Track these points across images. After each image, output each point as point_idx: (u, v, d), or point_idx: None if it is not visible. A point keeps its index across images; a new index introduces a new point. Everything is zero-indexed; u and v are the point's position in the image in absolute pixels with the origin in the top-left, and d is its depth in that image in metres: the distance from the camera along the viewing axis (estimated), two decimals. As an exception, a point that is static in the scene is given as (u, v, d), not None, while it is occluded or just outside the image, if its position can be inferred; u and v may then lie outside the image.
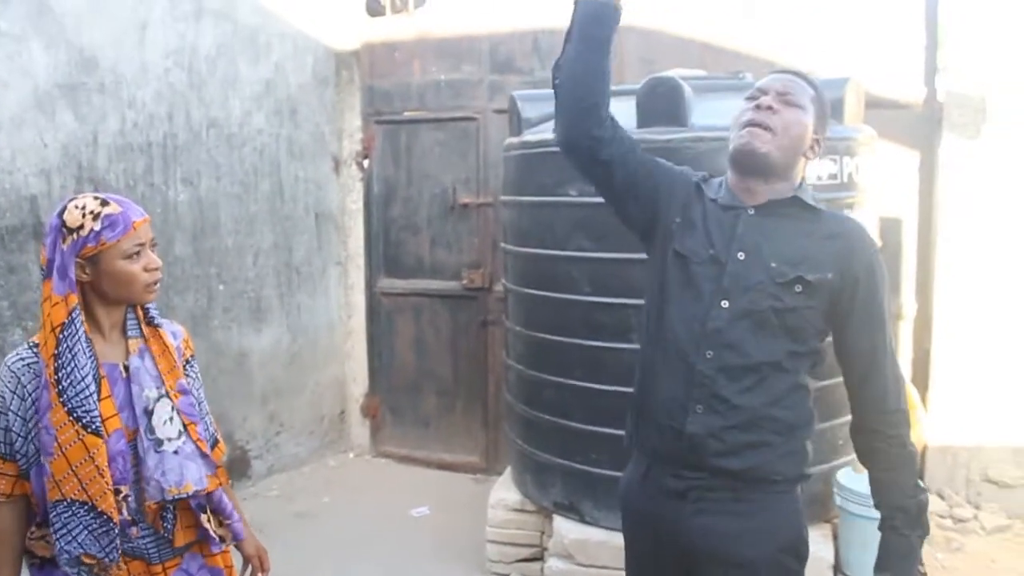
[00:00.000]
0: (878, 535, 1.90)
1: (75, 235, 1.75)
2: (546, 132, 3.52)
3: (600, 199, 3.28)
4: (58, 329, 1.74)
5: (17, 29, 3.54)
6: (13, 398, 1.79)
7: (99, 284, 1.80)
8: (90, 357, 1.77)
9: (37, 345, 1.80)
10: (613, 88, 3.88)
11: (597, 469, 3.40)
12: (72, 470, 1.74)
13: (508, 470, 4.14)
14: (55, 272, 1.76)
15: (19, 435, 1.80)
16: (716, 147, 3.12)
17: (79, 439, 1.74)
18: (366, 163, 5.39)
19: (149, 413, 1.86)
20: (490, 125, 5.02)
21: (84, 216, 1.76)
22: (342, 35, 5.36)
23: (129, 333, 1.90)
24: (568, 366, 3.43)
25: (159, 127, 4.24)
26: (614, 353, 3.30)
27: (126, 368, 1.88)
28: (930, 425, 4.31)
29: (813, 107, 1.88)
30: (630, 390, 3.29)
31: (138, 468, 1.84)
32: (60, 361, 1.74)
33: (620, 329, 3.28)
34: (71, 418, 1.74)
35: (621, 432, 3.38)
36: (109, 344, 1.87)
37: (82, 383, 1.74)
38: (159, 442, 1.85)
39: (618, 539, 3.39)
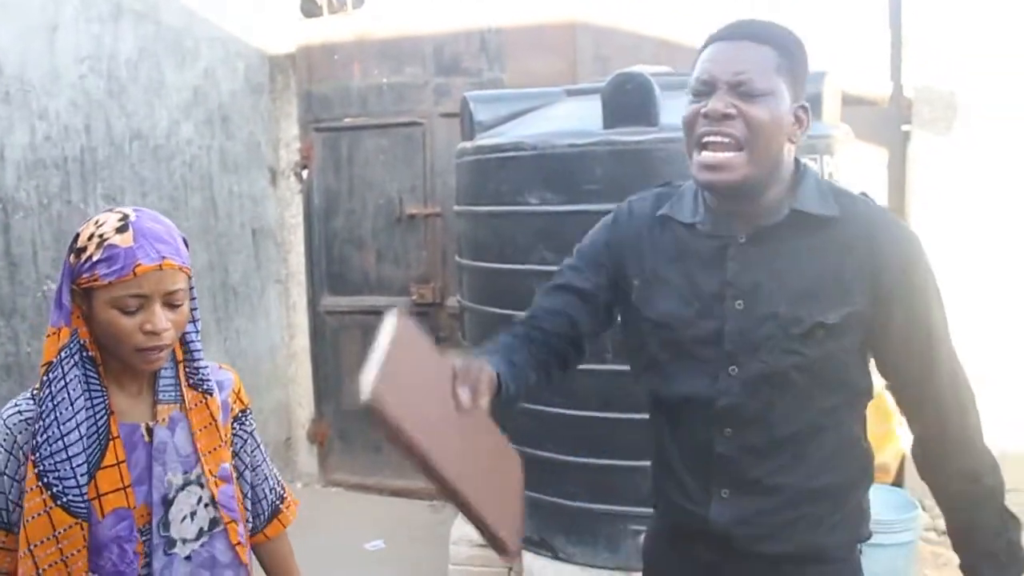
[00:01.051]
0: (906, 566, 1.61)
1: (75, 257, 1.44)
2: (501, 135, 3.24)
3: (563, 207, 3.12)
4: (42, 370, 1.44)
5: (-95, 30, 3.15)
6: (8, 459, 1.46)
7: (93, 327, 1.46)
8: (87, 408, 1.43)
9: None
10: (572, 87, 3.66)
11: (572, 502, 3.13)
12: (29, 550, 1.41)
13: (470, 501, 3.84)
14: (54, 300, 1.47)
15: (16, 503, 1.46)
16: (689, 148, 2.88)
17: (44, 511, 1.41)
18: (305, 174, 5.05)
19: (168, 503, 1.50)
20: (437, 130, 4.73)
21: (91, 238, 1.43)
22: (276, 38, 5.02)
23: (160, 395, 1.53)
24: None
25: (75, 140, 3.85)
26: (589, 376, 3.01)
27: (149, 431, 1.51)
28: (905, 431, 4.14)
29: (783, 76, 1.42)
30: (607, 415, 3.10)
31: (150, 566, 1.49)
32: (41, 409, 1.42)
33: (594, 349, 2.99)
34: (40, 483, 1.41)
35: (599, 461, 3.18)
36: (130, 398, 1.52)
37: (60, 441, 1.41)
38: (170, 542, 1.50)
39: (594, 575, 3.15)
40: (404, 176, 4.84)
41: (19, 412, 1.48)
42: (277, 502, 1.77)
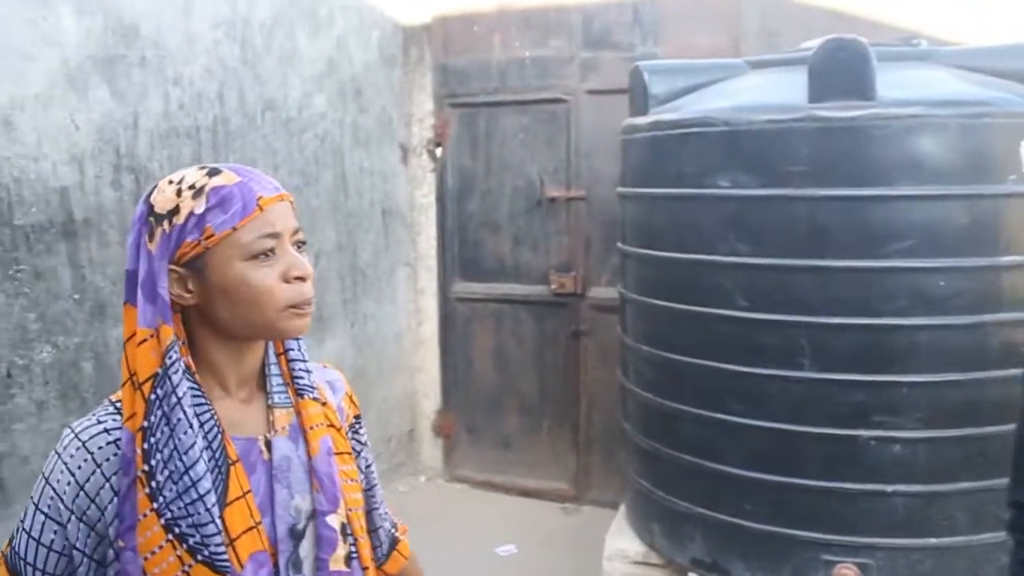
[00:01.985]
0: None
1: (167, 225, 1.10)
2: (682, 110, 2.89)
3: (759, 191, 2.77)
4: (147, 386, 1.08)
5: (44, -11, 2.96)
6: (78, 495, 1.10)
7: (210, 306, 1.13)
8: (206, 430, 1.11)
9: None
10: (755, 59, 3.28)
11: (753, 523, 2.77)
12: None
13: (622, 512, 3.52)
14: (139, 290, 1.11)
15: (85, 554, 1.11)
16: (910, 126, 2.49)
17: (183, 570, 1.08)
18: (439, 152, 4.77)
19: (297, 535, 1.18)
20: (583, 108, 4.39)
21: (181, 194, 1.11)
22: (411, 7, 4.75)
23: (275, 397, 1.22)
24: (717, 397, 2.79)
25: (208, 109, 3.65)
26: (778, 382, 2.66)
27: (268, 445, 1.20)
28: None
29: None
30: (799, 428, 2.72)
31: None
32: (153, 439, 1.08)
33: (786, 353, 2.64)
34: (170, 536, 1.07)
35: (788, 479, 2.80)
36: (238, 405, 1.20)
37: (186, 476, 1.08)
38: (350, 557, 1.22)
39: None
40: (545, 156, 4.51)
41: (106, 432, 1.12)
42: (393, 530, 1.48)
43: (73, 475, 1.10)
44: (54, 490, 1.10)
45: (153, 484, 1.07)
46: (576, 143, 4.41)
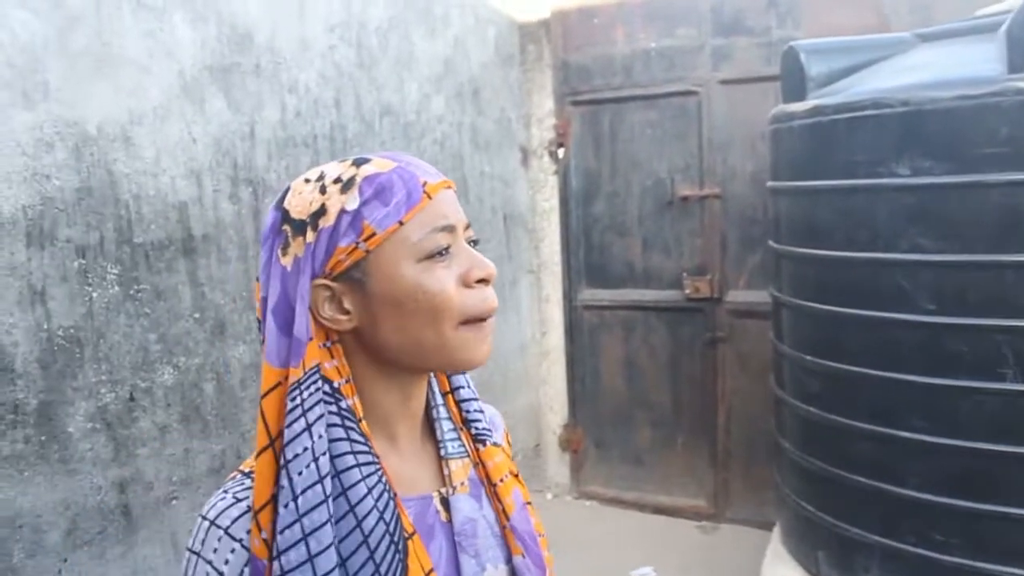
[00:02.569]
0: None
1: (310, 231, 0.87)
2: (847, 92, 2.58)
3: (948, 178, 2.39)
4: (278, 444, 0.85)
5: (158, 1, 2.87)
6: None
7: (374, 328, 0.89)
8: (375, 496, 0.86)
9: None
10: (925, 31, 2.92)
11: (943, 555, 2.43)
12: None
13: (777, 535, 3.21)
14: (271, 319, 0.87)
15: None
16: None
17: None
18: (561, 153, 4.54)
19: None
20: (715, 99, 4.09)
21: (325, 190, 0.88)
22: (528, 3, 4.54)
23: (448, 446, 1.00)
24: (897, 412, 2.47)
25: (325, 116, 3.52)
26: (973, 395, 2.33)
27: (444, 504, 0.97)
28: None
29: None
30: (1001, 448, 2.36)
31: None
32: (278, 524, 0.83)
33: (983, 361, 2.30)
34: None
35: (984, 506, 2.48)
36: (407, 457, 0.97)
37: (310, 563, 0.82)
38: None
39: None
40: (676, 153, 4.22)
41: (242, 512, 0.88)
42: None
43: (222, 573, 0.86)
44: None
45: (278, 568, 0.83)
46: (709, 137, 4.11)
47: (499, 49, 4.42)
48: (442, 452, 0.99)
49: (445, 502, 0.97)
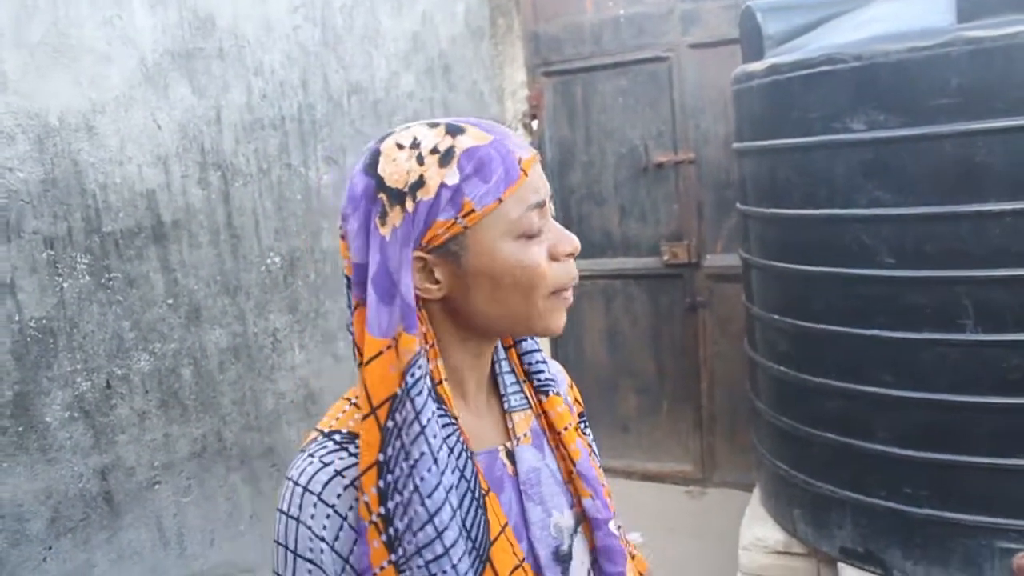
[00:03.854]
0: None
1: (409, 202, 0.87)
2: (803, 49, 2.58)
3: (902, 131, 2.34)
4: (382, 411, 0.87)
5: (117, -15, 2.86)
6: (334, 560, 0.90)
7: (465, 297, 0.91)
8: (455, 455, 0.90)
9: (351, 436, 0.94)
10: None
11: (913, 508, 2.46)
12: None
13: (756, 496, 3.24)
14: (371, 289, 0.87)
15: None
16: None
17: None
18: (535, 125, 4.54)
19: (563, 559, 0.98)
20: (685, 64, 4.08)
21: (423, 161, 0.87)
22: (495, -25, 4.53)
23: (511, 400, 1.02)
24: (863, 367, 2.49)
25: (292, 97, 3.51)
26: (935, 348, 2.34)
27: (510, 456, 1.00)
28: None
29: None
30: (964, 399, 2.38)
31: None
32: (390, 476, 0.86)
33: (944, 313, 2.32)
34: None
35: (952, 457, 2.46)
36: (476, 414, 1.00)
37: (430, 525, 0.86)
38: None
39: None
40: (649, 120, 4.22)
41: (339, 475, 0.91)
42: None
43: (323, 538, 0.90)
44: (310, 561, 0.90)
45: (391, 531, 0.86)
46: (681, 103, 4.11)
47: (468, 23, 4.40)
48: (505, 406, 1.02)
49: (510, 455, 1.00)
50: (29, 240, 2.71)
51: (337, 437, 0.94)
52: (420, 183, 0.86)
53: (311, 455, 0.93)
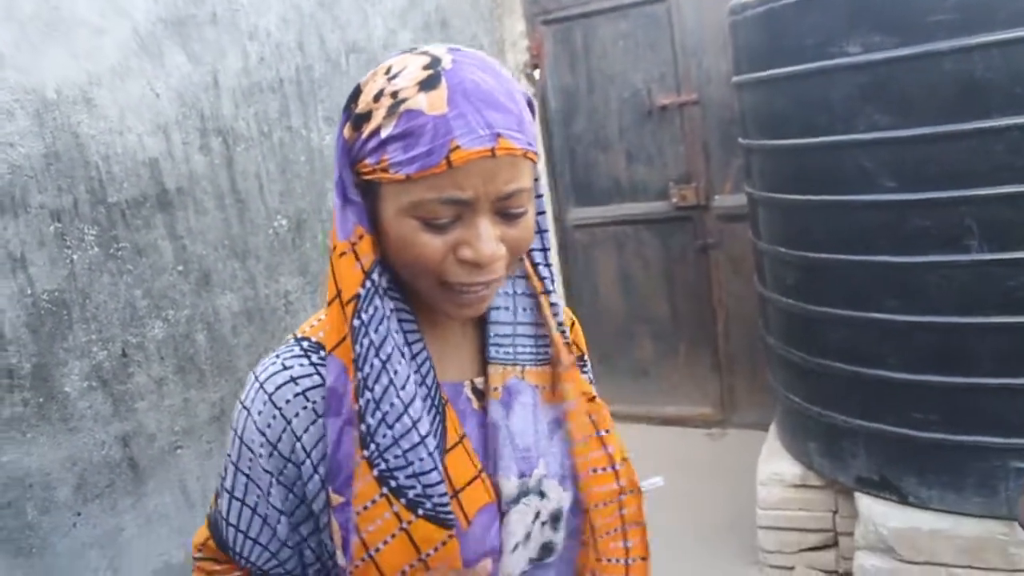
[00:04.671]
0: None
1: (352, 129, 0.89)
2: (796, -24, 2.53)
3: (898, 51, 2.31)
4: (349, 308, 0.89)
5: (106, -44, 2.86)
6: (272, 454, 0.94)
7: (382, 237, 0.91)
8: (419, 362, 0.93)
9: (318, 346, 0.96)
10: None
11: (924, 432, 2.46)
12: None
13: (773, 432, 3.25)
14: (336, 192, 0.93)
15: (285, 514, 0.97)
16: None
17: (401, 528, 0.90)
18: (537, 74, 4.50)
19: (523, 492, 0.99)
20: (684, 4, 4.03)
21: (380, 96, 0.86)
22: (489, -76, 4.47)
23: (493, 349, 1.01)
24: (869, 294, 2.48)
25: (290, 59, 3.50)
26: (940, 270, 2.33)
27: (477, 393, 1.00)
28: None
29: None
30: (970, 320, 2.36)
31: None
32: (361, 373, 0.89)
33: (948, 235, 2.29)
34: (385, 490, 0.89)
35: (961, 380, 2.44)
36: (445, 344, 1.01)
37: (404, 416, 0.89)
38: (548, 548, 1.01)
39: (962, 525, 2.48)
40: (650, 63, 4.17)
41: (293, 381, 0.94)
42: None
43: (264, 434, 0.94)
44: (250, 450, 0.95)
45: (363, 427, 0.89)
46: (681, 43, 4.06)
47: (465, -25, 4.36)
48: (488, 355, 1.00)
49: (477, 391, 1.00)
50: (36, 214, 2.74)
51: (305, 344, 0.96)
52: (367, 117, 0.87)
53: (277, 356, 0.96)
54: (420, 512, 0.89)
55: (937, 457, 2.46)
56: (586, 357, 1.20)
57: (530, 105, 0.91)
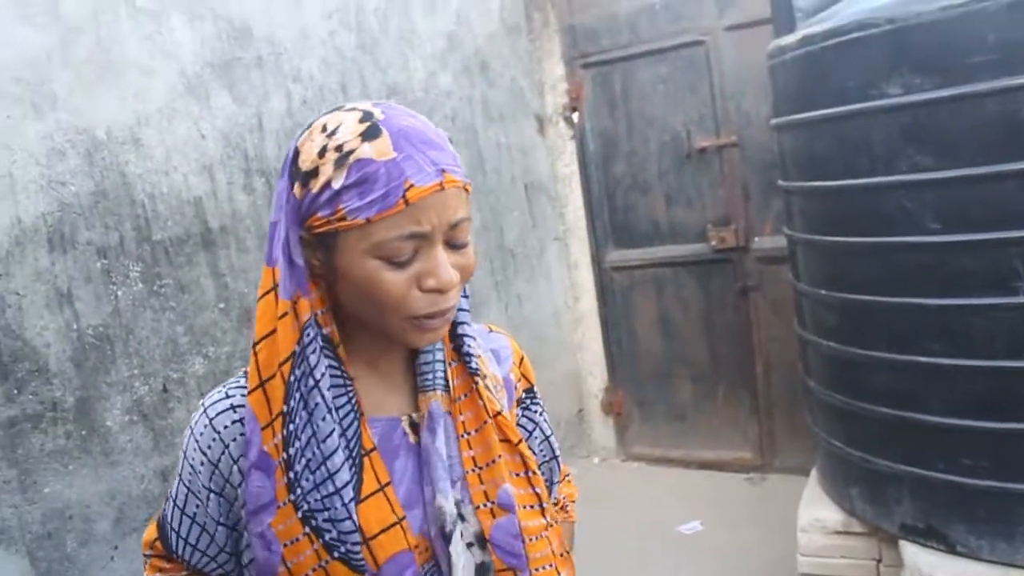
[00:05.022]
0: None
1: (301, 187, 0.95)
2: (834, 18, 2.54)
3: (939, 92, 2.28)
4: (286, 367, 0.97)
5: (154, 4, 2.94)
6: (213, 474, 1.04)
7: (334, 287, 0.99)
8: (340, 415, 0.99)
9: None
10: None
11: (974, 479, 2.39)
12: None
13: (814, 477, 3.19)
14: (277, 248, 0.98)
15: (227, 527, 1.07)
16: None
17: (320, 566, 0.98)
18: (576, 117, 4.54)
19: (447, 536, 1.02)
20: (723, 47, 4.05)
21: (324, 154, 0.93)
22: (529, -30, 4.55)
23: (423, 377, 1.07)
24: (913, 337, 2.43)
25: (331, 101, 3.57)
26: (988, 313, 2.28)
27: (414, 428, 1.06)
28: None
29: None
30: (1020, 364, 2.33)
31: None
32: (292, 426, 0.97)
33: (994, 277, 2.25)
34: (307, 530, 0.97)
35: (1009, 425, 2.42)
36: (382, 386, 1.07)
37: (324, 466, 0.97)
38: (483, 569, 1.05)
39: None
40: (689, 105, 4.19)
41: (232, 409, 1.03)
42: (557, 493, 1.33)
43: (205, 454, 1.04)
44: (192, 467, 1.05)
45: (292, 474, 0.97)
46: (720, 86, 4.07)
47: (504, 19, 4.42)
48: (420, 383, 1.06)
49: (415, 425, 1.06)
50: (83, 251, 2.80)
51: (246, 380, 1.03)
52: (314, 174, 0.93)
53: (223, 385, 1.07)
54: (335, 555, 0.97)
55: (987, 505, 2.39)
56: (535, 388, 1.24)
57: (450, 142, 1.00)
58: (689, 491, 4.30)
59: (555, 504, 1.30)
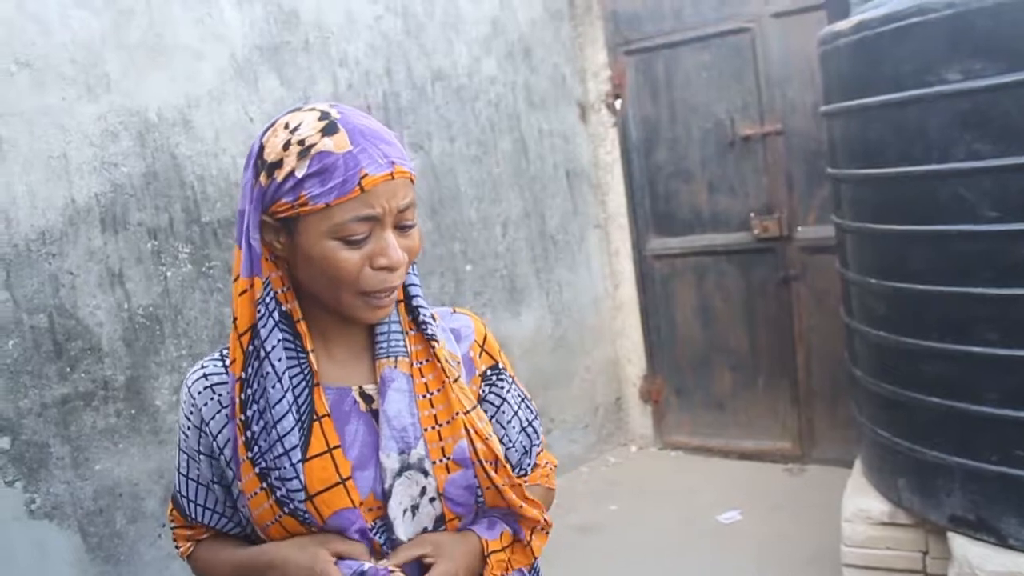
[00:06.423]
0: None
1: (265, 176, 1.07)
2: (891, 3, 2.50)
3: (1000, 78, 2.17)
4: (245, 337, 1.11)
5: (205, -13, 2.97)
6: (200, 436, 1.20)
7: (295, 267, 1.12)
8: (293, 384, 1.11)
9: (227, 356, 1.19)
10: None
11: (1025, 471, 2.36)
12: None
13: (857, 467, 3.16)
14: (243, 238, 1.12)
15: (220, 484, 1.21)
16: None
17: (275, 519, 1.12)
18: (618, 104, 4.52)
19: (385, 495, 1.14)
20: (769, 34, 4.00)
21: (288, 147, 1.05)
22: (573, -44, 4.52)
23: (379, 348, 1.18)
24: (967, 327, 2.40)
25: (377, 85, 3.58)
26: (1044, 302, 2.25)
27: (364, 396, 1.17)
28: None
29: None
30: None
31: None
32: (249, 391, 1.11)
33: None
34: (264, 485, 1.11)
35: (1063, 416, 2.37)
36: (342, 359, 1.20)
37: (275, 429, 1.10)
38: (441, 520, 1.18)
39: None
40: (733, 93, 4.15)
41: (204, 377, 1.19)
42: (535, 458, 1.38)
43: (189, 419, 1.20)
44: (184, 433, 1.22)
45: (249, 433, 1.11)
46: (765, 73, 4.02)
47: (547, 6, 4.40)
48: (376, 352, 1.18)
49: (365, 395, 1.17)
50: (134, 232, 2.83)
51: (224, 352, 1.20)
52: (279, 164, 1.05)
53: (202, 360, 1.23)
54: (286, 510, 1.09)
55: (1040, 498, 2.36)
56: (501, 366, 1.31)
57: (399, 140, 1.15)
58: (727, 480, 4.28)
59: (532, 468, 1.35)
